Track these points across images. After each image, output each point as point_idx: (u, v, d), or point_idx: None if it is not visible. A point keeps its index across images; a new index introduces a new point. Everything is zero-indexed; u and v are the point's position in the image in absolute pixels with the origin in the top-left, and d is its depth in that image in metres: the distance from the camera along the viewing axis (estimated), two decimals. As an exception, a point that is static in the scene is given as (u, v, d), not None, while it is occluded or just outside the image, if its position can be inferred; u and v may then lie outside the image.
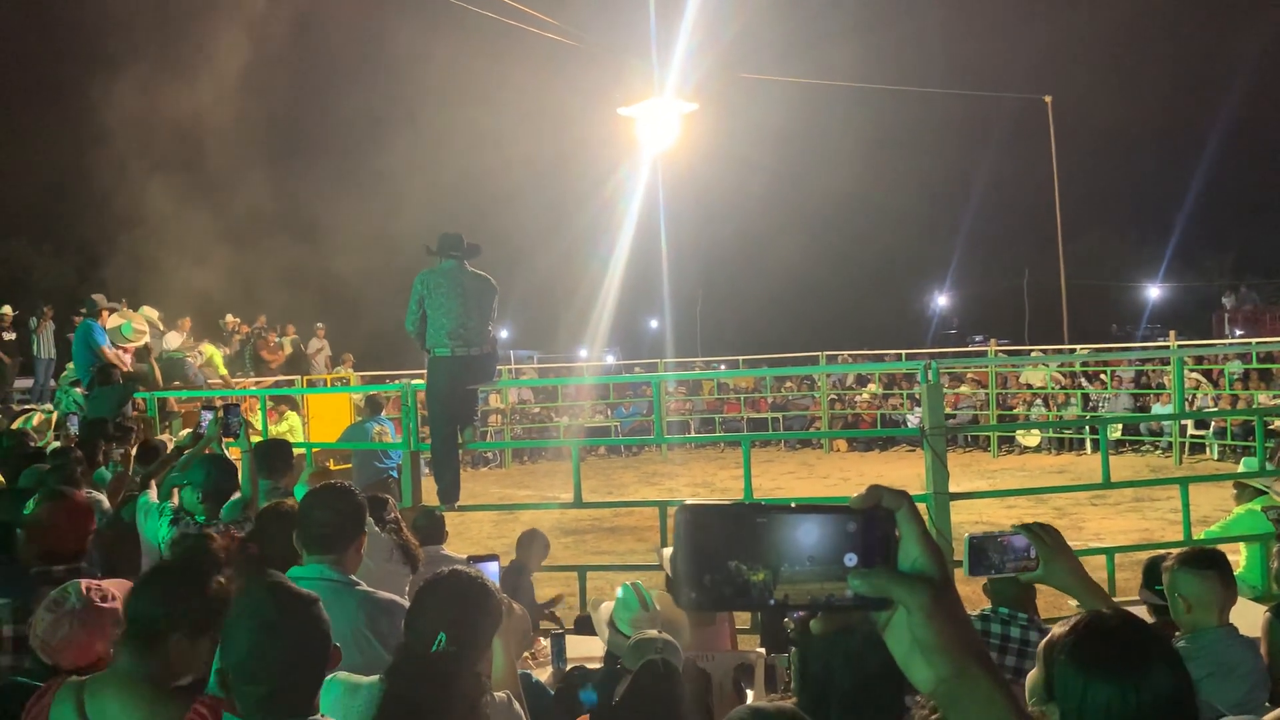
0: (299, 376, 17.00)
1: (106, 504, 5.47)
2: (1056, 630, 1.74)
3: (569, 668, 4.14)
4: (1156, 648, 1.67)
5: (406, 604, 2.82)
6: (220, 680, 2.01)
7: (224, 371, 14.95)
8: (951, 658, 0.86)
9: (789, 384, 21.25)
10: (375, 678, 2.42)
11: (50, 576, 3.57)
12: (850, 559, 0.85)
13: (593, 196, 30.70)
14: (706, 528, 0.85)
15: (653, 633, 3.16)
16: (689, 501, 0.87)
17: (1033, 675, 1.73)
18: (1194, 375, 16.68)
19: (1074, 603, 5.59)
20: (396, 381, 11.91)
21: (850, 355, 22.69)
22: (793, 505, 0.86)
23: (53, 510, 3.80)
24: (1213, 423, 15.50)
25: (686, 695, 2.87)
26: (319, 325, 18.93)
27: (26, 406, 13.66)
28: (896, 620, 0.88)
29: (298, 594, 2.08)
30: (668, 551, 4.78)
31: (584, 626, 5.25)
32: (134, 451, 6.39)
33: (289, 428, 12.75)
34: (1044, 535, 2.10)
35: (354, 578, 3.18)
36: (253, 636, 1.98)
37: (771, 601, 0.85)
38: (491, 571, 2.78)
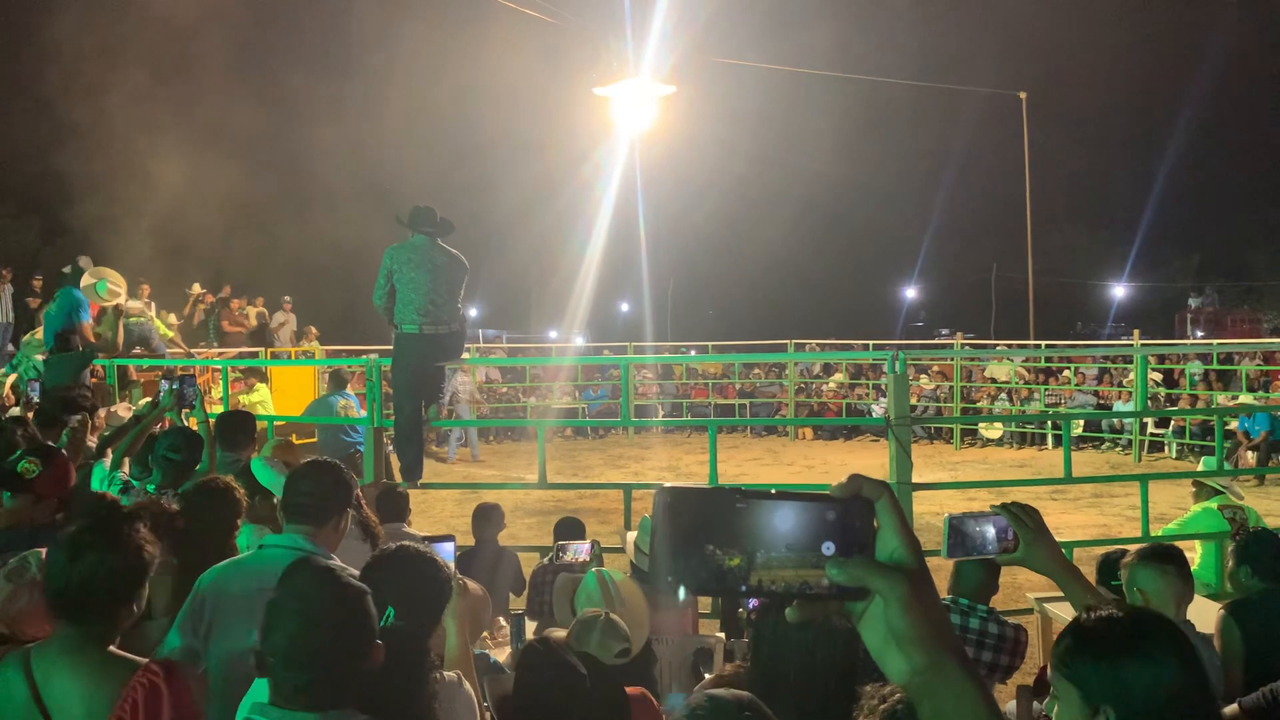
0: (263, 349, 16.80)
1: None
2: (1055, 650, 1.72)
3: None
4: (1153, 616, 1.70)
5: None
6: (258, 663, 1.95)
7: (171, 334, 14.66)
8: (926, 649, 0.85)
9: (757, 371, 21.33)
10: None
11: (56, 525, 3.68)
12: (828, 547, 0.84)
13: (568, 178, 30.60)
14: (684, 510, 0.83)
15: (594, 611, 3.13)
16: (668, 483, 0.84)
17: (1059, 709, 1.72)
18: (1153, 375, 16.93)
19: (1032, 596, 5.63)
20: (362, 356, 11.80)
21: (818, 344, 22.81)
22: (772, 491, 0.83)
23: (51, 466, 3.88)
24: (1172, 422, 15.74)
25: (583, 676, 2.81)
26: (285, 299, 18.68)
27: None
28: (872, 611, 0.86)
29: (348, 584, 2.03)
30: (631, 535, 4.77)
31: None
32: (93, 421, 6.27)
33: (260, 400, 12.55)
34: (1024, 516, 2.07)
35: (328, 553, 3.13)
36: (297, 623, 1.93)
37: (744, 588, 0.83)
38: (447, 551, 2.74)
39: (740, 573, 0.82)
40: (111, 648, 2.38)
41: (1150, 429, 16.07)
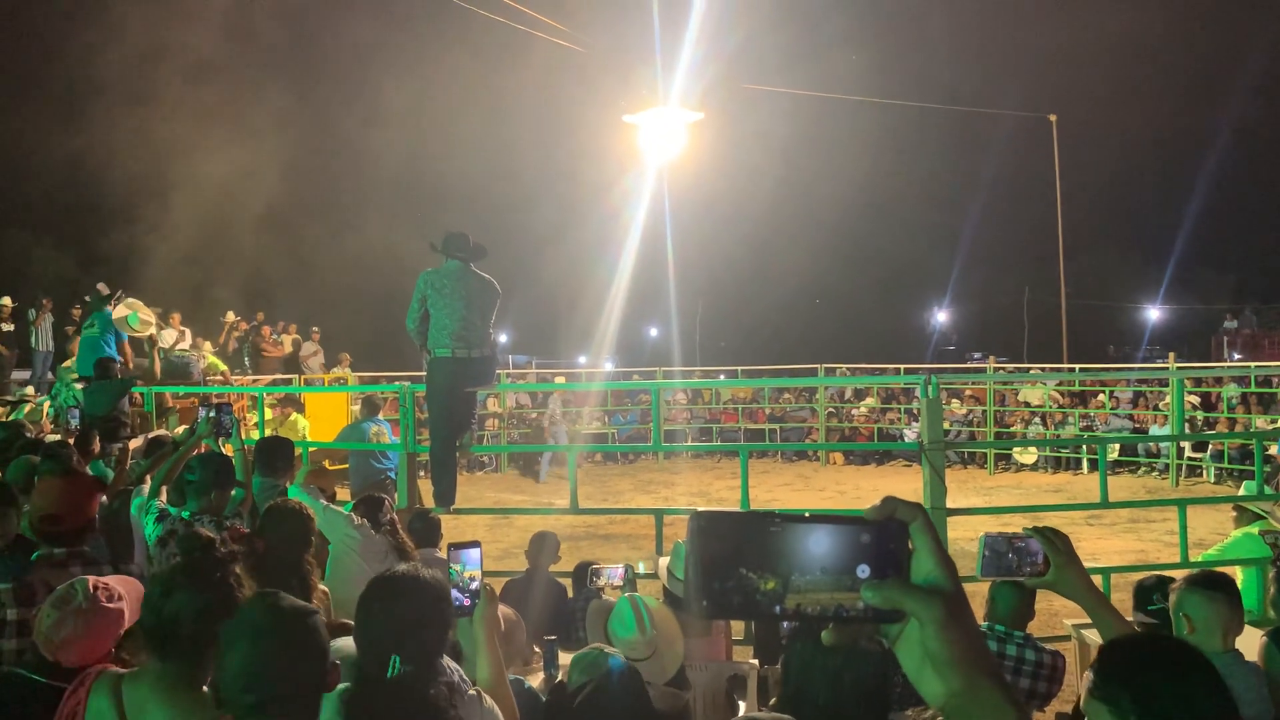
0: (296, 376, 16.97)
1: (104, 498, 5.44)
2: (1086, 676, 1.75)
3: (559, 677, 4.12)
4: (1175, 640, 1.71)
5: None
6: (213, 695, 1.96)
7: (225, 367, 14.92)
8: (963, 671, 0.85)
9: (787, 395, 21.25)
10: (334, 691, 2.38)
11: (51, 559, 3.49)
12: (863, 570, 0.84)
13: (597, 204, 30.71)
14: (718, 535, 0.84)
15: (600, 647, 3.15)
16: (701, 508, 0.85)
17: None
18: (1189, 399, 16.70)
19: (1069, 622, 5.56)
20: (394, 383, 11.89)
21: (849, 369, 22.70)
22: (806, 515, 0.84)
23: (53, 488, 3.68)
24: (1210, 445, 15.50)
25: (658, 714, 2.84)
26: (314, 330, 18.85)
27: (23, 396, 13.61)
28: (908, 633, 0.87)
29: (294, 605, 2.04)
30: (664, 561, 4.76)
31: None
32: (134, 446, 6.37)
33: (302, 430, 12.58)
34: (1055, 541, 2.10)
35: None
36: (248, 644, 1.94)
37: (779, 610, 0.83)
38: (474, 558, 2.70)
39: (775, 596, 0.83)
40: (206, 688, 2.35)
41: (1188, 453, 15.83)
